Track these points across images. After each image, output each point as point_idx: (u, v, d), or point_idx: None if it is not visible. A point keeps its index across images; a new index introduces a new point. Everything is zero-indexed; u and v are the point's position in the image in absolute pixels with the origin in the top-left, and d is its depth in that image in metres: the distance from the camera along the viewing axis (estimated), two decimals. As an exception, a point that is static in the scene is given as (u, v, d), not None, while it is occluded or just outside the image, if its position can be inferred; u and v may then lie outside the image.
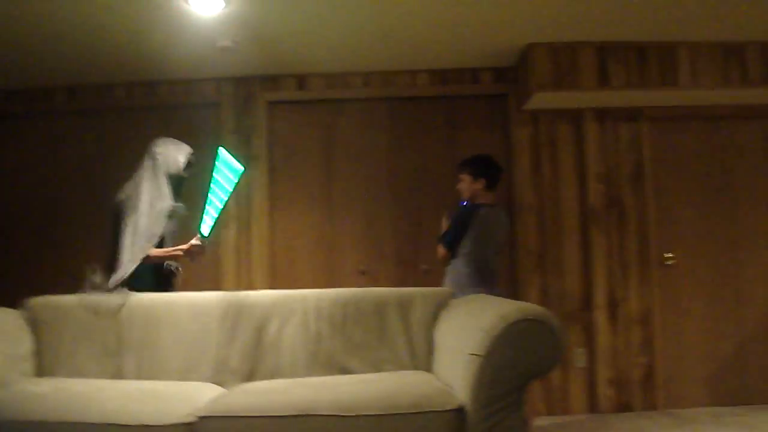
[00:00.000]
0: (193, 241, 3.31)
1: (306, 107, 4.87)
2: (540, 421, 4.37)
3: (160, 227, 3.29)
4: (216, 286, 4.66)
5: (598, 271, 4.65)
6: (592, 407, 4.58)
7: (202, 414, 2.30)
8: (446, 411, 2.27)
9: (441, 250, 3.79)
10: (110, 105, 4.88)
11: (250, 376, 2.88)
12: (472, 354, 2.29)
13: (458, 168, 3.94)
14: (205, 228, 3.28)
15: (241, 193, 4.73)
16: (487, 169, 3.84)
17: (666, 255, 4.72)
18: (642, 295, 4.66)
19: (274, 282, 4.72)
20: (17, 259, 4.84)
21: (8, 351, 2.81)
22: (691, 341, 4.70)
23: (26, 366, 2.88)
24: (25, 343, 2.92)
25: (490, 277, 3.74)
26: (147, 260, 3.23)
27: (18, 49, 4.19)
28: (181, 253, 3.31)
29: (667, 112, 4.79)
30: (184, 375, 2.88)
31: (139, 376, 2.89)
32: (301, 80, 4.81)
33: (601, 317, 4.63)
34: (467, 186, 3.86)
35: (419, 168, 4.83)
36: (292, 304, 3.03)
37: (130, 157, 4.68)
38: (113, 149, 4.88)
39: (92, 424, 2.28)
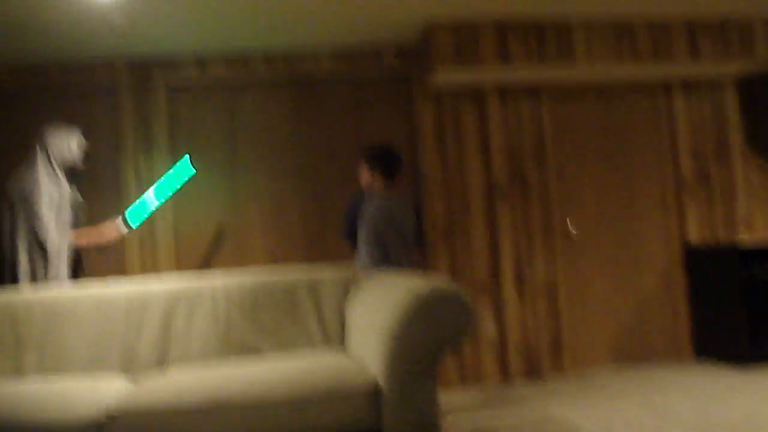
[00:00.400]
0: (121, 230, 3.45)
1: (207, 91, 4.75)
2: (453, 394, 4.47)
3: (67, 215, 3.23)
4: (120, 273, 4.52)
5: (504, 244, 4.78)
6: (504, 376, 4.72)
7: (112, 412, 2.24)
8: (361, 389, 2.29)
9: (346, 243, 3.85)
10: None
11: (159, 366, 2.82)
12: (385, 330, 2.32)
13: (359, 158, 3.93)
14: (137, 220, 3.49)
15: (143, 179, 4.58)
16: (381, 161, 3.81)
17: (570, 228, 4.90)
18: (547, 265, 4.83)
19: (181, 268, 4.61)
20: None
21: None
22: (594, 307, 4.92)
23: None
24: None
25: (395, 268, 3.74)
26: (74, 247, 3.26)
27: None
28: (105, 240, 3.34)
29: (565, 89, 4.95)
30: (90, 369, 2.79)
31: (42, 373, 2.78)
32: (202, 63, 4.69)
33: (509, 288, 4.77)
34: (365, 177, 3.87)
35: (325, 150, 4.80)
36: (199, 291, 2.98)
37: (22, 144, 4.49)
38: (3, 138, 4.62)
39: (-7, 426, 2.18)
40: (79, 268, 3.43)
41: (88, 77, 4.63)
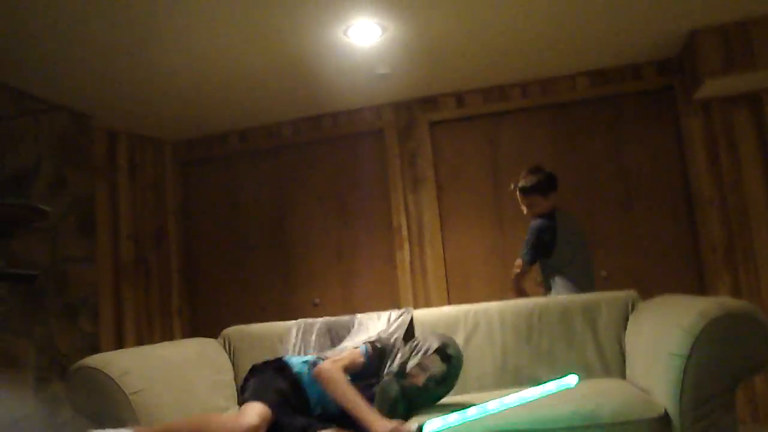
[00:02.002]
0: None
1: (466, 124, 4.89)
2: (745, 430, 4.06)
3: None
4: (394, 304, 4.75)
5: (798, 262, 4.29)
6: (805, 413, 4.20)
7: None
8: (648, 419, 2.16)
9: (518, 263, 3.72)
10: (279, 143, 5.17)
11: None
12: (673, 356, 2.18)
13: (524, 193, 3.74)
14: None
15: (411, 213, 4.83)
16: (552, 182, 3.71)
17: None
18: None
19: (451, 298, 4.74)
20: (210, 293, 5.20)
21: (213, 377, 3.02)
22: None
23: (228, 391, 3.07)
24: (226, 370, 3.12)
25: (592, 282, 3.71)
26: None
27: (195, 102, 4.55)
28: None
29: None
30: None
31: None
32: (460, 98, 4.85)
33: (805, 313, 4.25)
34: (540, 207, 3.72)
35: (584, 171, 4.69)
36: (474, 318, 3.03)
37: (300, 192, 4.96)
38: (284, 185, 5.15)
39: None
40: None
41: (356, 122, 5.01)
